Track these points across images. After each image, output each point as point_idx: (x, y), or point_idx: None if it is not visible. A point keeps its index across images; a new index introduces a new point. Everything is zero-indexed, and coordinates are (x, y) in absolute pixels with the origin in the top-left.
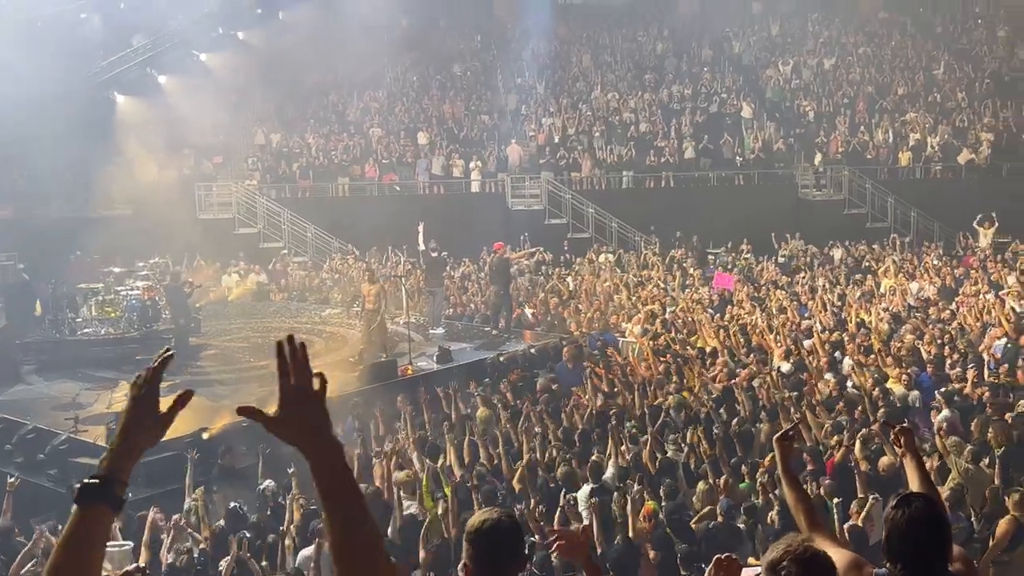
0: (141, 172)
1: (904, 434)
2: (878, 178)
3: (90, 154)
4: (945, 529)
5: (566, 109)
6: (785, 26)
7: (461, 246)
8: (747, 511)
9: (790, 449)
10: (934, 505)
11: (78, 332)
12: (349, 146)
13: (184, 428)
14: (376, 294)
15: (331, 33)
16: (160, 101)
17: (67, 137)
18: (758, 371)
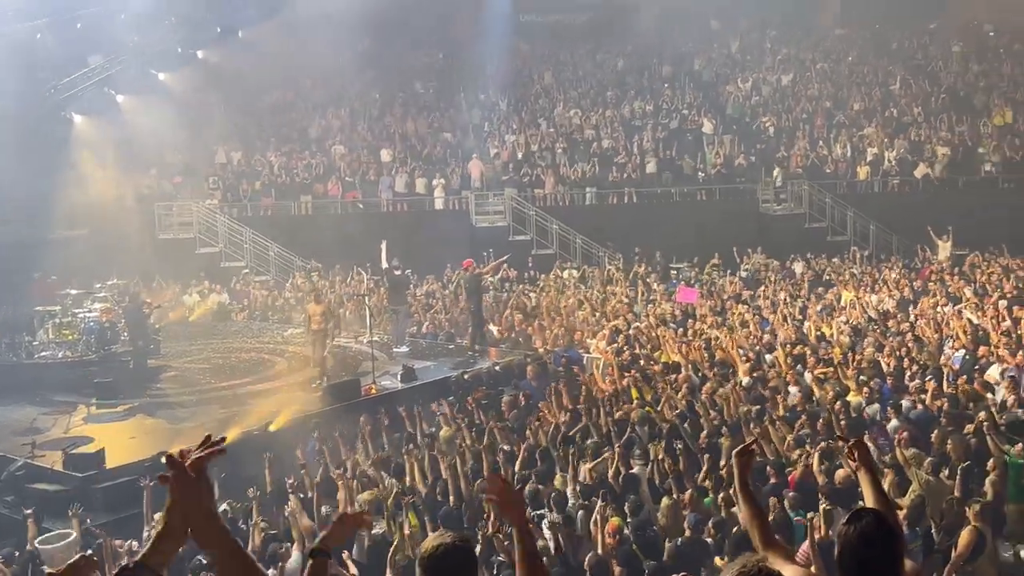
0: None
1: (858, 448)
2: (837, 192)
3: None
4: (897, 544)
5: (529, 126)
6: (744, 43)
7: (425, 264)
8: (716, 525)
9: (750, 463)
10: (885, 520)
11: (35, 355)
12: (311, 164)
13: (143, 452)
14: (322, 314)
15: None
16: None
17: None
18: (720, 385)
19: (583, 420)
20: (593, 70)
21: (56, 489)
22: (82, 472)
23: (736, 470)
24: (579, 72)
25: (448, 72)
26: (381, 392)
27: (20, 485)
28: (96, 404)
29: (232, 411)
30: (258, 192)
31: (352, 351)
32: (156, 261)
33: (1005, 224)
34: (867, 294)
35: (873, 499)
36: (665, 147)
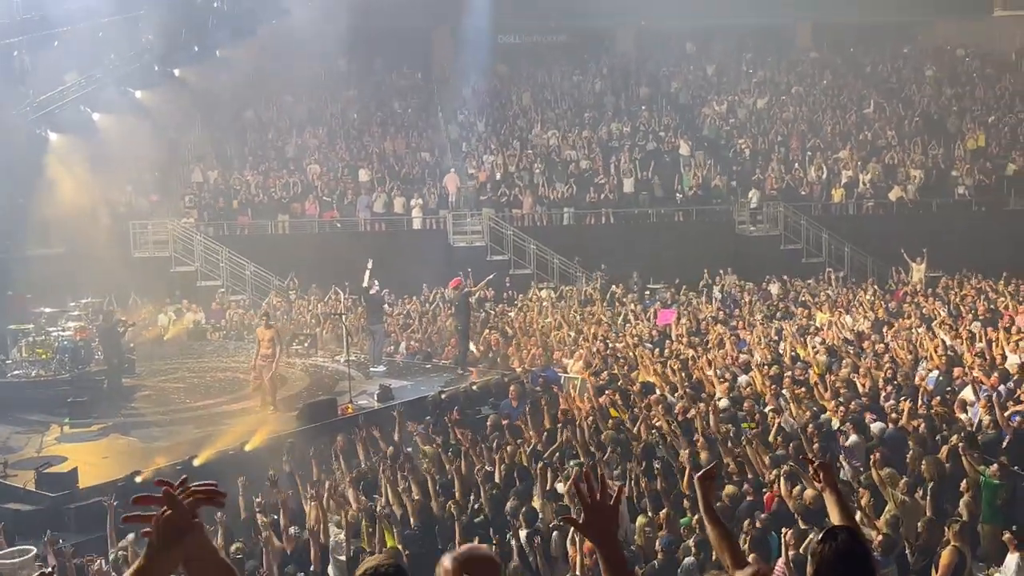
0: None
1: (822, 469)
2: (812, 214)
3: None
4: (870, 562)
5: (507, 147)
6: (720, 66)
7: (403, 283)
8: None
9: (711, 487)
10: (858, 538)
11: (8, 374)
12: (288, 183)
13: (116, 471)
14: (271, 340)
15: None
16: (94, 138)
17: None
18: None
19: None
20: (571, 91)
21: (29, 509)
22: (54, 492)
23: (699, 494)
24: (557, 93)
25: (426, 92)
26: (358, 411)
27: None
28: (69, 423)
29: (207, 431)
30: (235, 211)
31: (329, 370)
32: (131, 279)
33: (978, 247)
34: (842, 315)
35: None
36: (642, 168)
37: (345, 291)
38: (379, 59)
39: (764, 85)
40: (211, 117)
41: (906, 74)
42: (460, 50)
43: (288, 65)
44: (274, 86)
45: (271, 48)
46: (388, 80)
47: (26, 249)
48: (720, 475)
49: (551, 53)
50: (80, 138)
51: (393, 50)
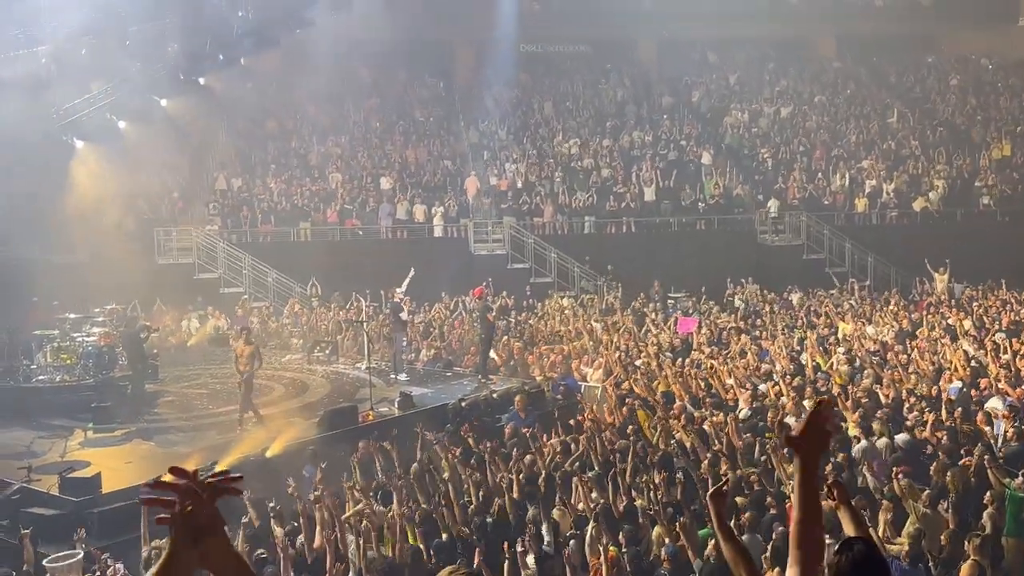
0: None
1: (836, 487)
2: (835, 224)
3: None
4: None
5: (528, 155)
6: (742, 75)
7: (424, 291)
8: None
9: (723, 505)
10: (875, 549)
11: (33, 379)
12: (311, 191)
13: (140, 477)
14: (249, 356)
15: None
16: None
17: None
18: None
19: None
20: (592, 100)
21: (52, 513)
22: (78, 496)
23: (712, 511)
24: (579, 102)
25: (448, 101)
26: (378, 419)
27: (16, 509)
28: (93, 428)
29: (229, 437)
30: (258, 218)
31: (350, 378)
32: (155, 286)
33: (1003, 257)
34: (865, 326)
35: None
36: (664, 177)
37: (367, 298)
38: (402, 69)
39: (787, 94)
40: (235, 125)
41: (930, 84)
42: (482, 59)
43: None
44: (297, 95)
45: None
46: (411, 89)
47: (51, 255)
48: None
49: (573, 62)
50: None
51: (416, 60)
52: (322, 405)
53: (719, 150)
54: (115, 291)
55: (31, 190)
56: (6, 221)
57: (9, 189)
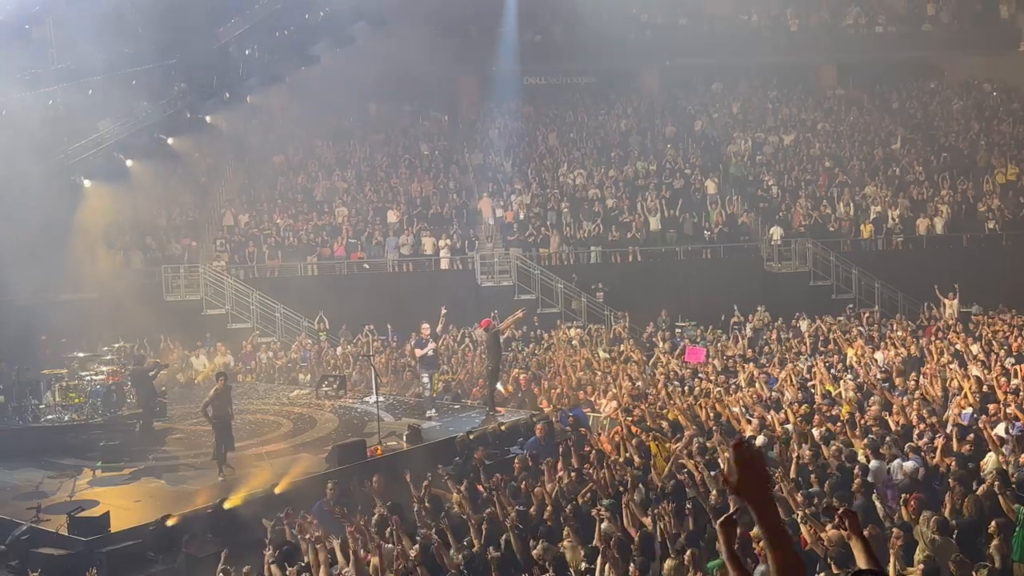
0: (107, 255)
1: (848, 517)
2: (841, 250)
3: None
4: None
5: (533, 186)
6: (745, 104)
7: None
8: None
9: (734, 533)
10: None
11: (41, 419)
12: (317, 226)
13: (148, 515)
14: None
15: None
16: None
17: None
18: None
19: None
20: (597, 131)
21: (61, 553)
22: (87, 536)
23: (722, 540)
24: (583, 133)
25: (453, 134)
26: (387, 453)
27: (25, 549)
28: (102, 467)
29: (237, 473)
30: (265, 254)
31: (358, 412)
32: (163, 323)
33: (1009, 281)
34: (873, 352)
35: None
36: (669, 206)
37: (374, 333)
38: (407, 103)
39: (790, 122)
40: (242, 162)
41: (933, 109)
42: (486, 92)
43: (317, 110)
44: (303, 131)
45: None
46: (416, 123)
47: (60, 294)
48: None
49: (576, 94)
50: (113, 184)
51: (421, 94)
52: (330, 440)
53: (724, 178)
54: (123, 329)
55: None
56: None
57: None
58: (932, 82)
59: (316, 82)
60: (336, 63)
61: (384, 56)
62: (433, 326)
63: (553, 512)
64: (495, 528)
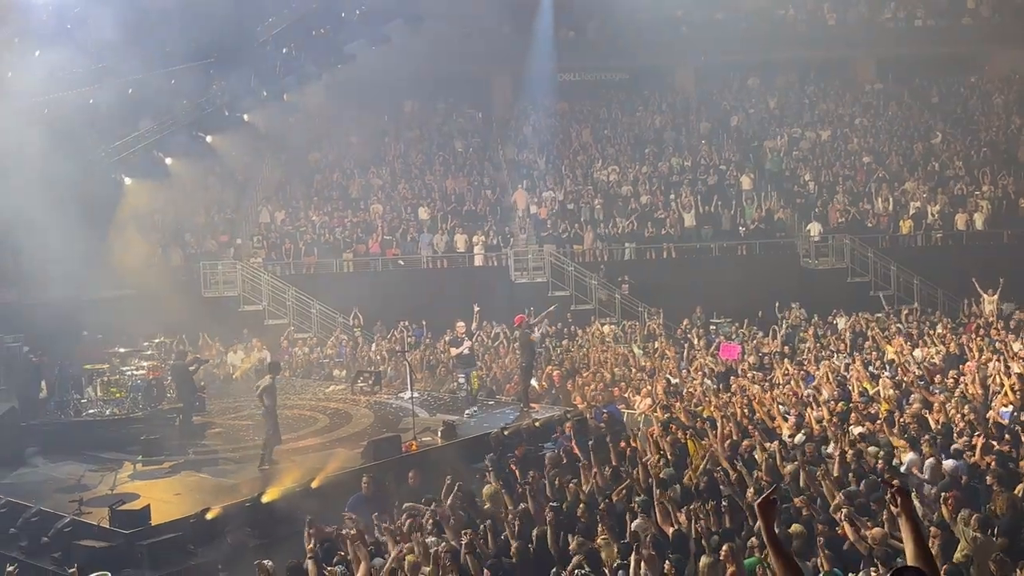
0: (147, 252)
1: (900, 494)
2: (879, 246)
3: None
4: None
5: (567, 183)
6: (782, 99)
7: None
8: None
9: (774, 513)
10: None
11: (83, 413)
12: (353, 223)
13: (188, 508)
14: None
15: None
16: (166, 182)
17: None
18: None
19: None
20: (631, 127)
21: (102, 546)
22: (128, 529)
23: (761, 522)
24: (617, 129)
25: (488, 131)
26: (421, 448)
27: (67, 542)
28: (142, 461)
29: (274, 468)
30: (301, 250)
31: (393, 407)
32: (201, 319)
33: None
34: (912, 349)
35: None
36: (704, 202)
37: (408, 329)
38: (441, 100)
39: (827, 117)
40: (278, 159)
41: (973, 104)
42: (521, 88)
43: (353, 108)
44: (339, 128)
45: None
46: (450, 120)
47: (100, 290)
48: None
49: (610, 90)
50: (153, 182)
51: (455, 91)
52: (366, 435)
53: (759, 174)
54: (162, 324)
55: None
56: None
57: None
58: (972, 76)
59: (352, 80)
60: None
61: (419, 54)
62: (468, 324)
63: (587, 509)
64: (528, 524)
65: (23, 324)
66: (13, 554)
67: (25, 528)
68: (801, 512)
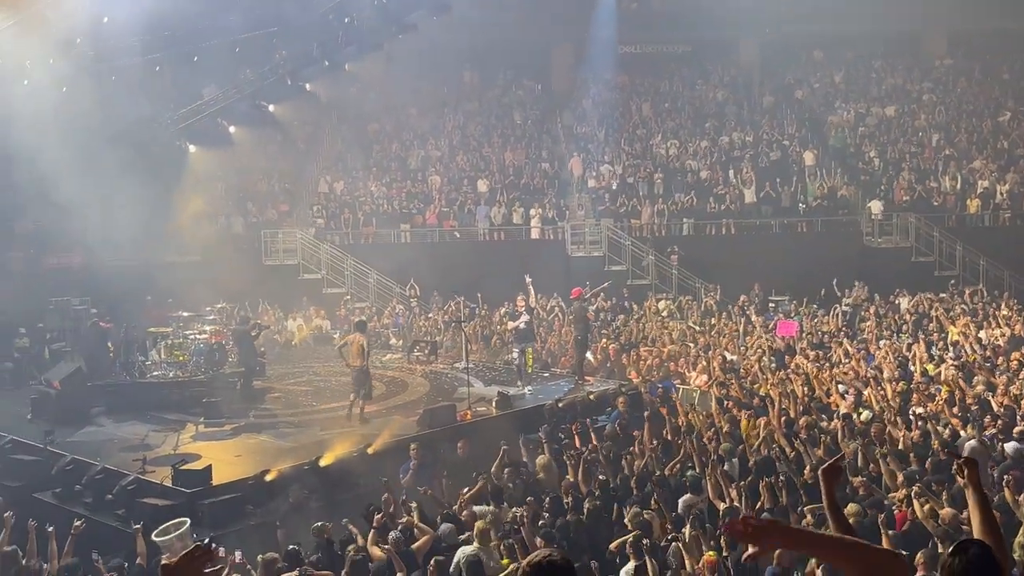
0: (210, 219)
1: (968, 466)
2: (946, 225)
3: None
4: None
5: (626, 157)
6: (848, 73)
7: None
8: None
9: (837, 481)
10: (991, 553)
11: (147, 375)
12: (411, 194)
13: (248, 470)
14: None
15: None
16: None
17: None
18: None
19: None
20: (692, 100)
21: (165, 504)
22: (190, 488)
23: (823, 488)
24: (677, 102)
25: (547, 103)
26: (476, 418)
27: (131, 499)
28: (204, 422)
29: (332, 433)
30: (359, 220)
31: (448, 377)
32: (262, 286)
33: None
34: (977, 330)
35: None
36: (765, 178)
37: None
38: (500, 72)
39: (895, 93)
40: (338, 129)
41: None
42: (581, 61)
43: (413, 78)
44: (399, 99)
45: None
46: (509, 92)
47: (164, 256)
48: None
49: (672, 63)
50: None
51: (514, 63)
52: (421, 403)
53: (823, 150)
54: (224, 291)
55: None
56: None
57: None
58: None
59: (412, 51)
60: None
61: (479, 24)
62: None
63: (639, 482)
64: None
65: (90, 288)
66: (78, 510)
67: (90, 485)
68: (858, 492)
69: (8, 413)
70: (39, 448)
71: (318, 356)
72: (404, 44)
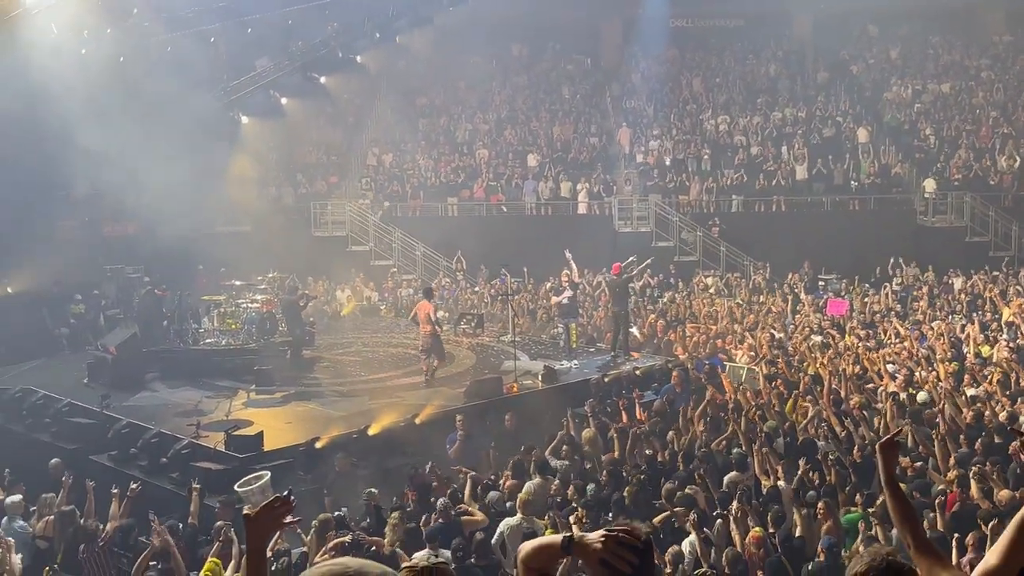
0: (261, 190)
1: None
2: (1002, 205)
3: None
4: None
5: (675, 132)
6: (904, 49)
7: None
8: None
9: (895, 457)
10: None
11: (200, 342)
12: (458, 167)
13: (298, 437)
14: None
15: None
16: (281, 122)
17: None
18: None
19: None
20: (743, 75)
21: (218, 468)
22: (242, 453)
23: (881, 464)
24: (728, 78)
25: (596, 78)
26: (522, 391)
27: (185, 463)
28: (255, 390)
29: (380, 402)
30: (407, 193)
31: (495, 350)
32: (311, 257)
33: None
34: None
35: None
36: (817, 155)
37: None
38: (550, 45)
39: (952, 69)
40: (387, 102)
41: None
42: (631, 35)
43: (462, 52)
44: (448, 72)
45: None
46: (558, 66)
47: (216, 226)
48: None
49: (723, 37)
50: (269, 121)
51: (564, 36)
52: (468, 376)
53: (877, 127)
54: (274, 261)
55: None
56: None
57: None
58: None
59: (462, 24)
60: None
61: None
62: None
63: (685, 458)
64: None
65: (144, 256)
66: (134, 472)
67: (145, 448)
68: (906, 472)
69: (65, 377)
70: (95, 412)
71: (366, 327)
72: (454, 17)
